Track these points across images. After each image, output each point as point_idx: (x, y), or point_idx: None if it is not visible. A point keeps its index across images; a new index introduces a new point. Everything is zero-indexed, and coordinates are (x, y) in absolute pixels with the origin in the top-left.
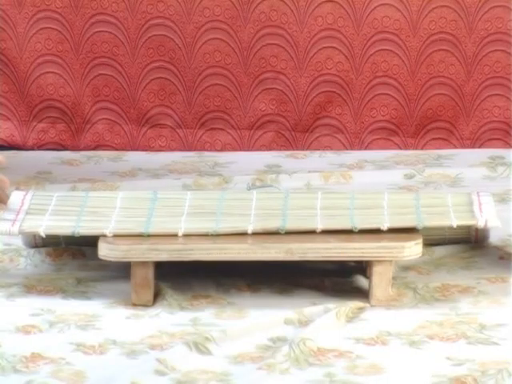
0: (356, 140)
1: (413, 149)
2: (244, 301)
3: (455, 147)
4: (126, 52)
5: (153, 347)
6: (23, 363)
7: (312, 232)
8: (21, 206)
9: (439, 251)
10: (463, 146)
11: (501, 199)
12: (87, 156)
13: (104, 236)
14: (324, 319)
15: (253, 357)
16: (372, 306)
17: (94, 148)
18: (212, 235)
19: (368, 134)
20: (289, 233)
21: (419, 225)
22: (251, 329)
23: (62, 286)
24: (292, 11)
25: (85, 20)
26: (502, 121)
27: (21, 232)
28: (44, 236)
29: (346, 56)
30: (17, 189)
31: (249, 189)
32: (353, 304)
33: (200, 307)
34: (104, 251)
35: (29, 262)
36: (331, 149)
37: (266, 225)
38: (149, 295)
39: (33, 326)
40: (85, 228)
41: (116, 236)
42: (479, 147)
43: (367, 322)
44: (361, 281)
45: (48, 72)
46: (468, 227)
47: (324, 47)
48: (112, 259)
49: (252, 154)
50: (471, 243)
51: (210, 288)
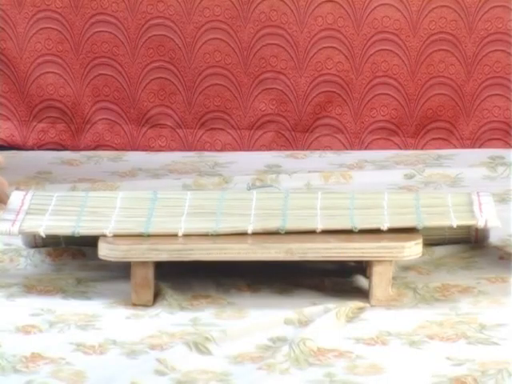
0: (356, 140)
1: (413, 149)
2: (244, 301)
3: (455, 147)
4: (126, 52)
5: (153, 347)
6: (23, 363)
7: (312, 232)
8: (21, 206)
9: (439, 251)
10: (463, 146)
11: (501, 199)
12: (87, 156)
13: (104, 236)
14: (324, 319)
15: (253, 357)
16: (372, 306)
17: (94, 148)
18: (212, 235)
19: (368, 134)
20: (289, 233)
21: (419, 225)
22: (251, 329)
23: (62, 286)
24: (292, 11)
25: (85, 20)
26: (502, 121)
27: (21, 232)
28: (44, 236)
29: (346, 56)
30: (17, 189)
31: (249, 189)
32: (353, 304)
33: (200, 307)
34: (104, 251)
35: (29, 262)
36: (331, 149)
37: (266, 225)
38: (149, 295)
39: (33, 326)
40: (85, 228)
41: (116, 236)
42: (479, 147)
43: (367, 322)
44: (361, 281)
45: (48, 72)
46: (468, 227)
47: (324, 47)
48: (112, 259)
49: (252, 154)
50: (471, 243)
51: (210, 288)
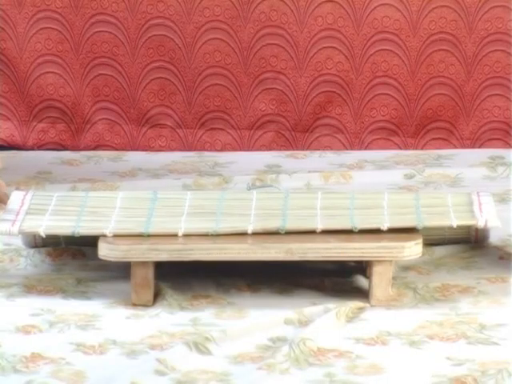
0: (356, 140)
1: (413, 149)
2: (244, 301)
3: (455, 147)
4: (126, 52)
5: (153, 347)
6: (23, 363)
7: (312, 232)
8: (21, 206)
9: (439, 251)
10: (463, 146)
11: (501, 199)
12: (87, 156)
13: (104, 236)
14: (324, 319)
15: (253, 357)
16: (372, 306)
17: (94, 148)
18: (212, 235)
19: (368, 134)
20: (289, 233)
21: (419, 225)
22: (251, 329)
23: (62, 286)
24: (292, 11)
25: (85, 20)
26: (502, 121)
27: (21, 232)
28: (44, 236)
29: (346, 56)
30: (17, 189)
31: (249, 189)
32: (353, 304)
33: (200, 307)
34: (104, 251)
35: (29, 262)
36: (331, 149)
37: (266, 225)
38: (149, 295)
39: (33, 326)
40: (85, 228)
41: (116, 236)
42: (479, 147)
43: (367, 322)
44: (361, 281)
45: (48, 72)
46: (468, 227)
47: (324, 47)
48: (112, 259)
49: (252, 154)
50: (471, 243)
51: (210, 288)
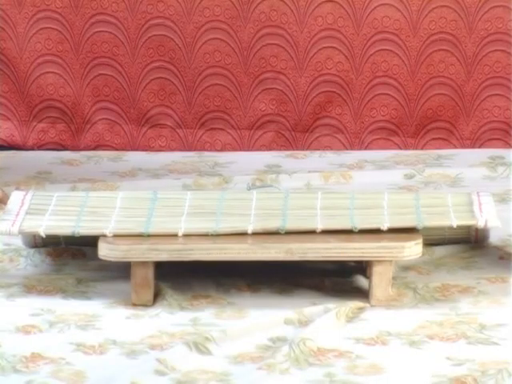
0: (356, 140)
1: (413, 149)
2: (244, 301)
3: (455, 147)
4: (126, 52)
5: (153, 347)
6: (23, 363)
7: (312, 232)
8: (21, 206)
9: (439, 251)
10: (463, 146)
11: (501, 199)
12: (87, 156)
13: (104, 236)
14: (324, 319)
15: (253, 357)
16: (372, 306)
17: (94, 148)
18: (212, 235)
19: (368, 134)
20: (289, 233)
21: (419, 225)
22: (251, 329)
23: (62, 286)
24: (292, 11)
25: (85, 20)
26: (502, 121)
27: (21, 232)
28: (44, 236)
29: (346, 56)
30: (17, 189)
31: (249, 189)
32: (353, 304)
33: (200, 307)
34: (104, 251)
35: (29, 262)
36: (331, 149)
37: (266, 225)
38: (149, 295)
39: (33, 326)
40: (85, 228)
41: (116, 236)
42: (479, 147)
43: (367, 322)
44: (361, 281)
45: (48, 72)
46: (468, 227)
47: (324, 47)
48: (112, 259)
49: (252, 154)
50: (471, 243)
51: (210, 288)
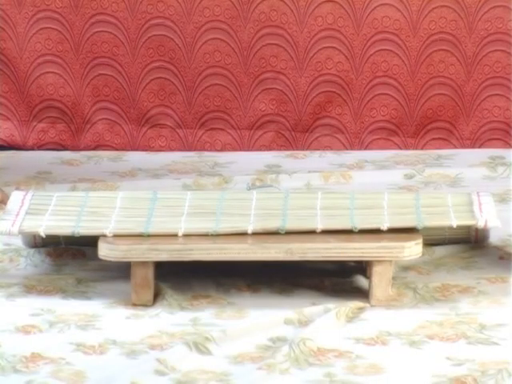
0: (356, 140)
1: (413, 149)
2: (244, 301)
3: (455, 147)
4: (126, 52)
5: (153, 347)
6: (23, 363)
7: (312, 232)
8: (21, 206)
9: (439, 251)
10: (463, 146)
11: (501, 199)
12: (87, 156)
13: (104, 236)
14: (324, 319)
15: (253, 357)
16: (372, 306)
17: (94, 148)
18: (212, 235)
19: (368, 134)
20: (289, 233)
21: (419, 225)
22: (251, 329)
23: (62, 286)
24: (292, 11)
25: (85, 20)
26: (502, 121)
27: (21, 232)
28: (44, 236)
29: (346, 56)
30: (17, 189)
31: (249, 189)
32: (353, 304)
33: (200, 307)
34: (104, 251)
35: (29, 262)
36: (331, 149)
37: (266, 225)
38: (149, 295)
39: (33, 326)
40: (85, 228)
41: (116, 236)
42: (479, 147)
43: (367, 322)
44: (361, 281)
45: (48, 72)
46: (468, 227)
47: (324, 47)
48: (112, 259)
49: (252, 154)
50: (471, 243)
51: (210, 288)
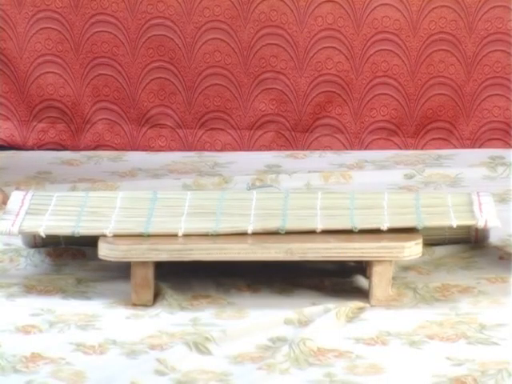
0: (356, 140)
1: (413, 149)
2: (244, 301)
3: (455, 147)
4: (126, 52)
5: (153, 347)
6: (23, 363)
7: (312, 232)
8: (21, 206)
9: (439, 251)
10: (463, 146)
11: (501, 199)
12: (87, 156)
13: (104, 236)
14: (324, 319)
15: (253, 357)
16: (372, 306)
17: (94, 148)
18: (212, 235)
19: (368, 134)
20: (289, 233)
21: (419, 225)
22: (251, 329)
23: (62, 286)
24: (292, 11)
25: (85, 20)
26: (502, 121)
27: (21, 232)
28: (44, 236)
29: (346, 56)
30: (17, 189)
31: (249, 189)
32: (353, 304)
33: (200, 307)
34: (104, 251)
35: (29, 262)
36: (331, 149)
37: (266, 225)
38: (149, 295)
39: (33, 326)
40: (85, 228)
41: (116, 236)
42: (479, 147)
43: (367, 322)
44: (361, 281)
45: (48, 72)
46: (468, 227)
47: (324, 47)
48: (112, 259)
49: (252, 154)
50: (471, 243)
51: (210, 288)
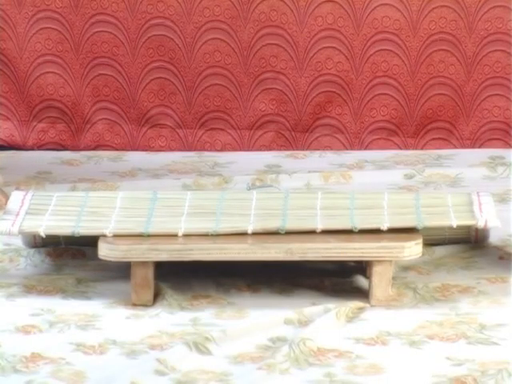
0: (356, 140)
1: (413, 149)
2: (244, 301)
3: (455, 147)
4: (126, 52)
5: (153, 347)
6: (23, 363)
7: (312, 232)
8: (21, 206)
9: (439, 251)
10: (463, 146)
11: (501, 199)
12: (87, 156)
13: (104, 236)
14: (324, 319)
15: (253, 357)
16: (372, 306)
17: (94, 148)
18: (212, 235)
19: (368, 134)
20: (289, 233)
21: (419, 225)
22: (251, 329)
23: (62, 286)
24: (292, 11)
25: (85, 20)
26: (502, 121)
27: (21, 232)
28: (44, 236)
29: (346, 56)
30: (17, 189)
31: (249, 189)
32: (353, 304)
33: (200, 307)
34: (104, 251)
35: (29, 262)
36: (331, 149)
37: (266, 225)
38: (149, 295)
39: (33, 326)
40: (85, 228)
41: (116, 236)
42: (479, 147)
43: (367, 322)
44: (361, 281)
45: (48, 72)
46: (468, 227)
47: (324, 47)
48: (112, 259)
49: (252, 154)
50: (471, 243)
51: (210, 288)
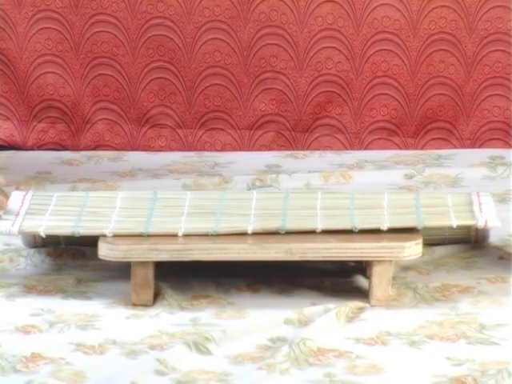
0: (356, 140)
1: (413, 149)
2: (244, 301)
3: (455, 147)
4: (126, 52)
5: (153, 347)
6: (23, 363)
7: (312, 232)
8: (21, 206)
9: (439, 251)
10: (463, 146)
11: (501, 199)
12: (87, 156)
13: (104, 236)
14: (324, 319)
15: (253, 357)
16: (372, 306)
17: (94, 148)
18: (212, 235)
19: (368, 134)
20: (289, 233)
21: (419, 225)
22: (251, 329)
23: (62, 286)
24: (292, 11)
25: (85, 20)
26: (502, 121)
27: (21, 232)
28: (44, 236)
29: (346, 56)
30: (17, 189)
31: (249, 189)
32: (353, 304)
33: (200, 307)
34: (104, 251)
35: (29, 262)
36: (331, 149)
37: (266, 225)
38: (149, 295)
39: (33, 326)
40: (85, 228)
41: (116, 236)
42: (479, 147)
43: (367, 322)
44: (361, 281)
45: (48, 72)
46: (468, 227)
47: (324, 47)
48: (112, 259)
49: (252, 154)
50: (471, 243)
51: (210, 288)
